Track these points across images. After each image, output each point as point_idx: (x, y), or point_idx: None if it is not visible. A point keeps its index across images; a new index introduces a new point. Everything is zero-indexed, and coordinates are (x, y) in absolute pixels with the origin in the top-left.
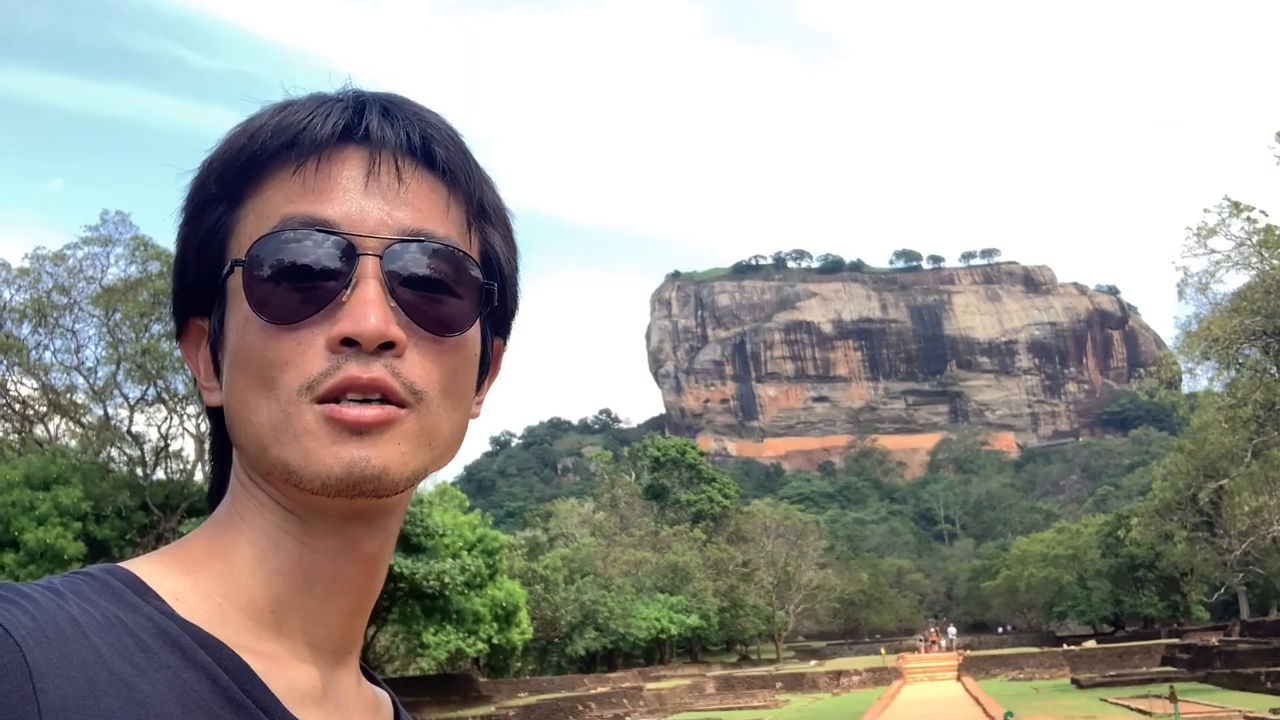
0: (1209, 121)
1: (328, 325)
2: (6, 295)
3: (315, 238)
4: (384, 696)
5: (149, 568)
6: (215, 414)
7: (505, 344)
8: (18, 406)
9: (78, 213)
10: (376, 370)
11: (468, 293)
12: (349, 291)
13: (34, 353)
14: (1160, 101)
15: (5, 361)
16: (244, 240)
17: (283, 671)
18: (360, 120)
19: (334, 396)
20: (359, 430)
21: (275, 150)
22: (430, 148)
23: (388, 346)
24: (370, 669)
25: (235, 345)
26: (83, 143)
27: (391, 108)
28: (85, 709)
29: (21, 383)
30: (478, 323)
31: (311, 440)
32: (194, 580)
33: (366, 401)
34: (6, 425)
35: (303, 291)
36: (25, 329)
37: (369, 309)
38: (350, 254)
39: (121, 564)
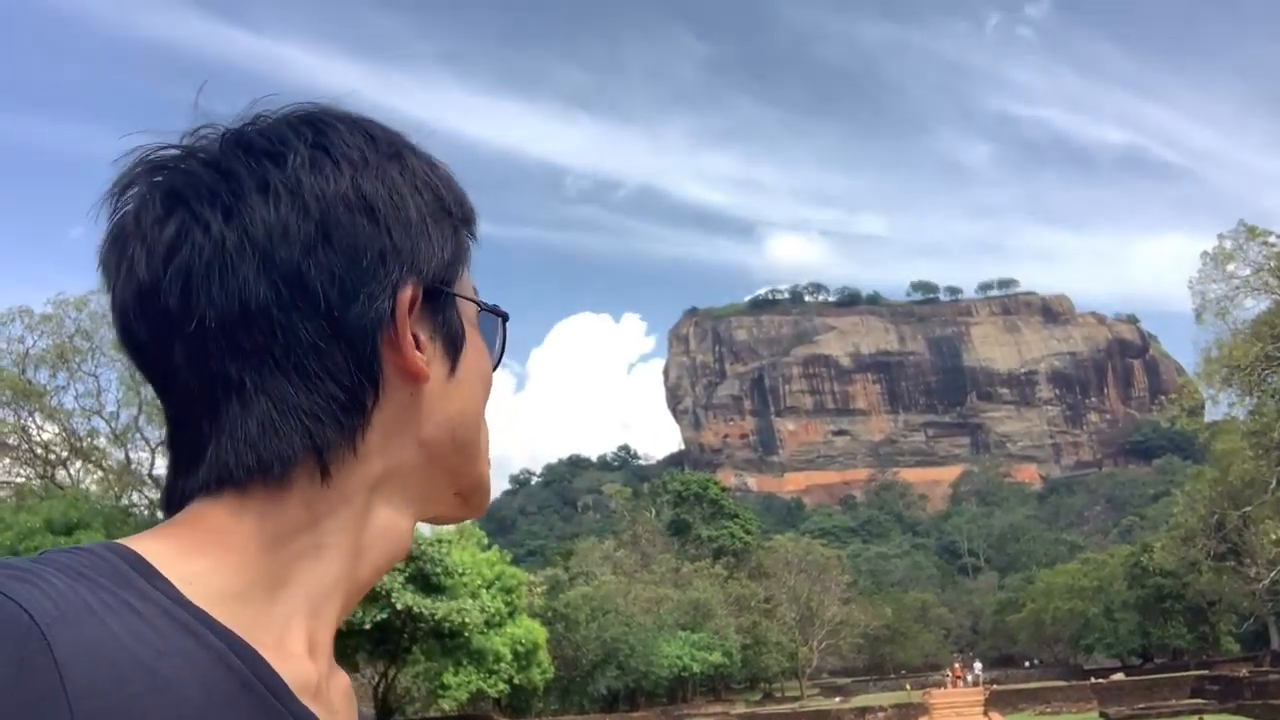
0: (1224, 147)
1: None
2: (29, 341)
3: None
4: (347, 679)
5: (155, 548)
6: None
7: None
8: (39, 451)
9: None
10: None
11: None
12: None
13: (55, 397)
14: (1171, 126)
15: (27, 407)
16: (467, 285)
17: (286, 662)
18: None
19: None
20: None
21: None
22: None
23: None
24: (391, 710)
25: (483, 369)
26: (100, 189)
27: None
28: (110, 694)
29: (43, 428)
30: None
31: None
32: (202, 565)
33: None
34: (28, 470)
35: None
36: (44, 374)
37: None
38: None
39: (123, 541)
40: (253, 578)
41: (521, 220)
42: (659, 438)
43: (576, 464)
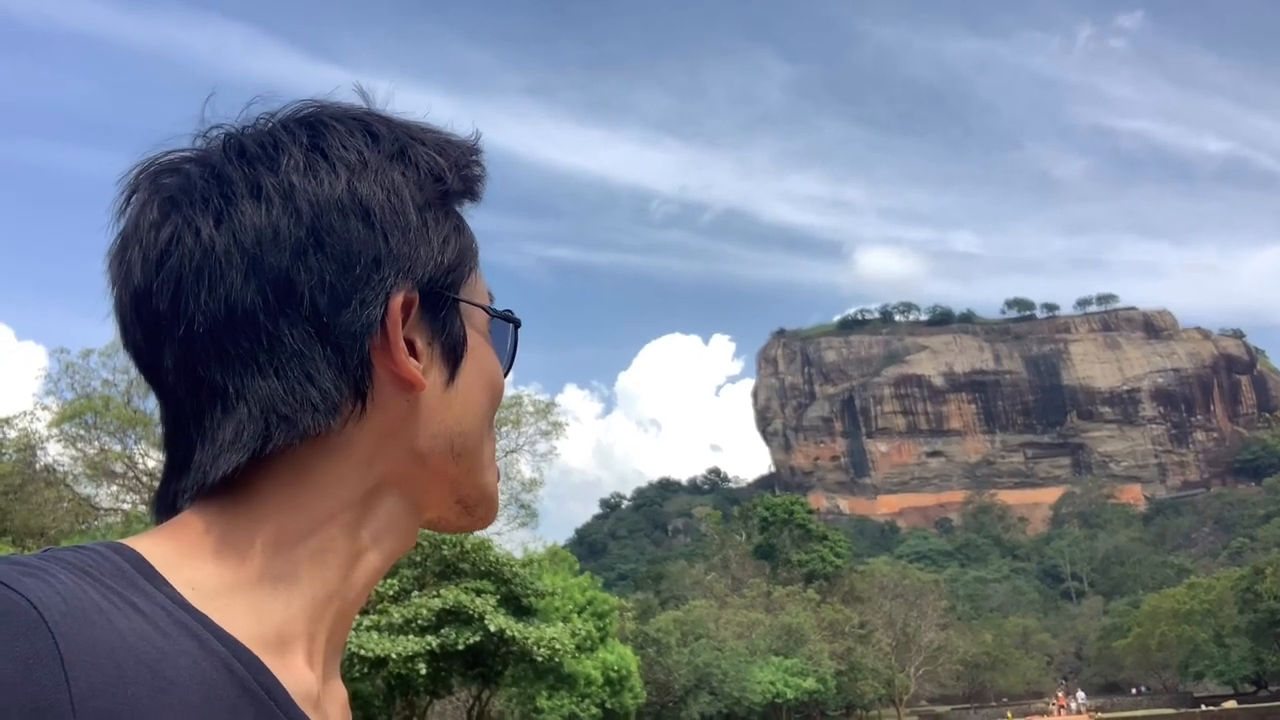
0: None
1: None
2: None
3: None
4: (344, 691)
5: (156, 550)
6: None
7: None
8: (145, 479)
9: None
10: None
11: None
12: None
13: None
14: (1274, 135)
15: (133, 435)
16: (479, 291)
17: (287, 670)
18: None
19: None
20: None
21: (466, 195)
22: None
23: None
24: None
25: (490, 378)
26: None
27: None
28: (114, 696)
29: (149, 455)
30: None
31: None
32: (204, 569)
33: None
34: (134, 497)
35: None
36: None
37: None
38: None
39: (125, 541)
40: (253, 584)
41: (609, 245)
42: (749, 460)
43: (666, 487)
